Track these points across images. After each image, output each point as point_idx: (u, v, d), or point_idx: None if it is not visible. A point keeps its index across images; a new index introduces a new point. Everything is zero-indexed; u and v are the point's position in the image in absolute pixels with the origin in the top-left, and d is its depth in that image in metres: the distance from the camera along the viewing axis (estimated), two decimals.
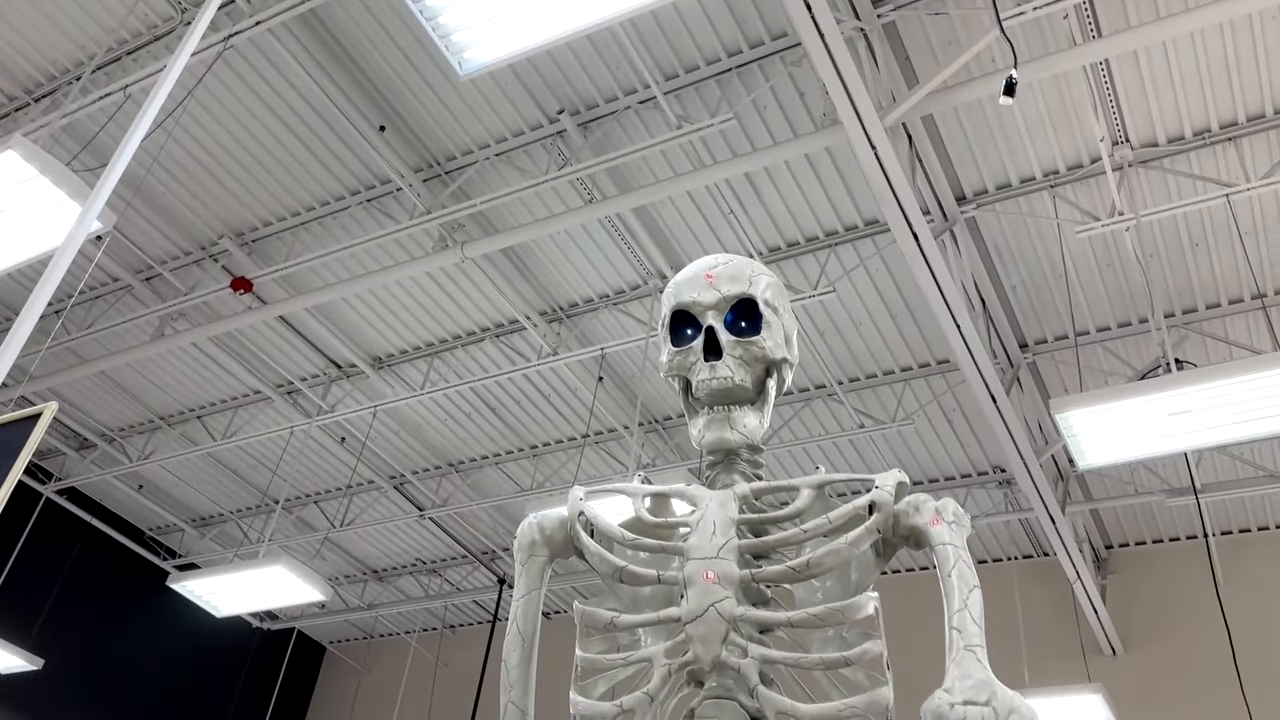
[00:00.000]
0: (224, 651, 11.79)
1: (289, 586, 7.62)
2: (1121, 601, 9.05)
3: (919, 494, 2.11)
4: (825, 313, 7.56)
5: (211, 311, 8.26)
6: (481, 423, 9.17)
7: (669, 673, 2.00)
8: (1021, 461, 7.04)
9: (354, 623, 12.47)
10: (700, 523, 2.14)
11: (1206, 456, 8.20)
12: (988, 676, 1.74)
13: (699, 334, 2.30)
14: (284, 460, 9.91)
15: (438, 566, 11.33)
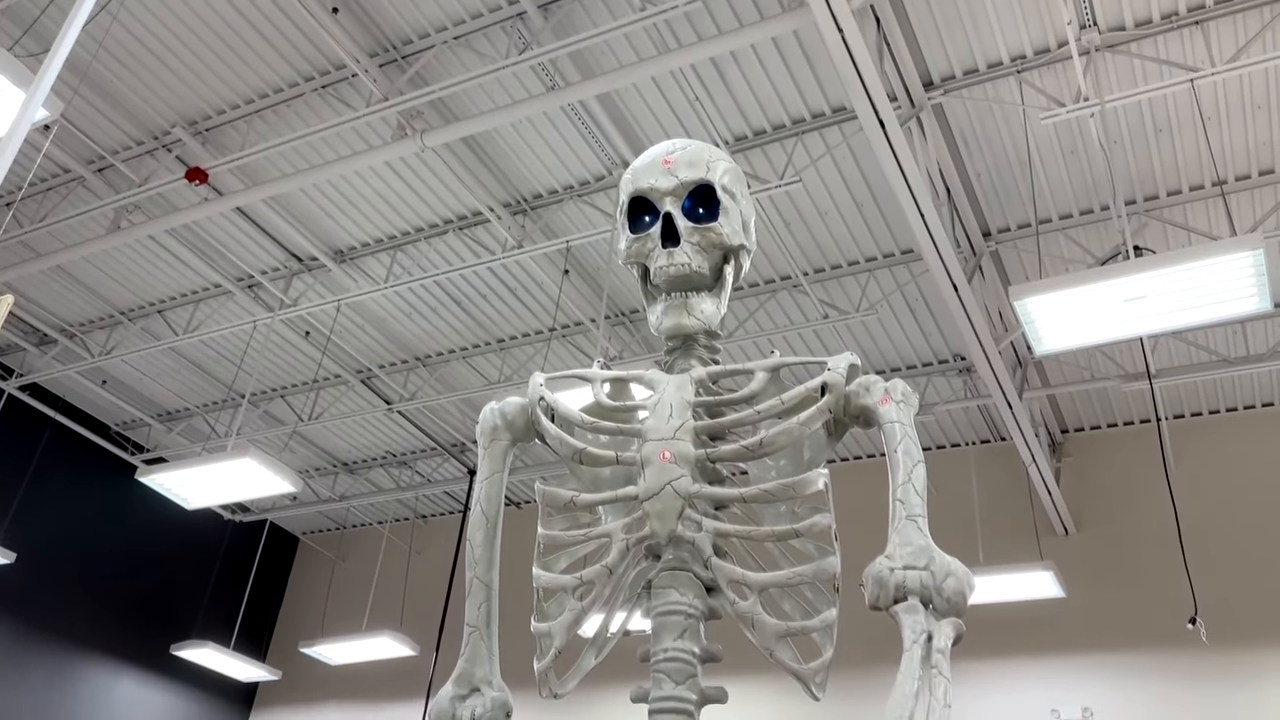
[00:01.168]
0: (196, 544, 11.93)
1: (259, 478, 7.68)
2: (1075, 484, 9.34)
3: (869, 375, 2.16)
4: (791, 203, 7.54)
5: (167, 204, 8.10)
6: (447, 316, 9.15)
7: (627, 547, 2.07)
8: (981, 349, 7.16)
9: (326, 514, 12.63)
10: (657, 405, 2.18)
11: (1162, 342, 8.37)
12: (927, 543, 1.82)
13: (657, 220, 2.30)
14: (248, 354, 9.87)
15: (408, 459, 11.44)
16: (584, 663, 2.15)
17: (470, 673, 2.16)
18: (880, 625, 8.68)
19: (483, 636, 2.19)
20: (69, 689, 10.49)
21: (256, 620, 12.38)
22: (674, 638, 2.00)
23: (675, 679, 1.96)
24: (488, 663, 2.17)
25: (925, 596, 1.75)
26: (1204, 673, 8.18)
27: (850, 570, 2.18)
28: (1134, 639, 8.53)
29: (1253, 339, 8.21)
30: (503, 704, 2.11)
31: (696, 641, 2.01)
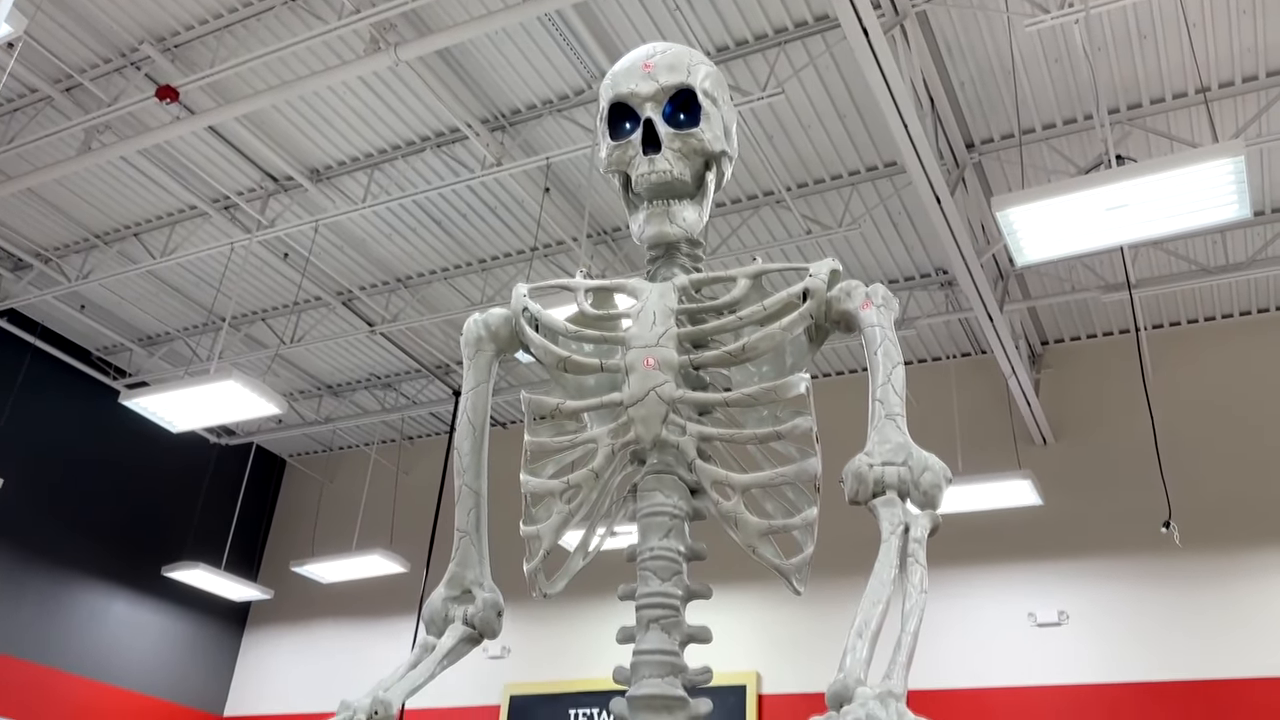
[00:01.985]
0: (183, 468, 11.99)
1: (243, 401, 7.70)
2: (1054, 394, 9.47)
3: (850, 280, 2.17)
4: (774, 115, 7.46)
5: (138, 123, 7.94)
6: (427, 236, 9.08)
7: (613, 452, 2.10)
8: (963, 262, 7.18)
9: (312, 436, 12.69)
10: (641, 313, 2.19)
11: (1142, 253, 8.41)
12: (905, 440, 1.86)
13: (637, 127, 2.29)
14: (227, 277, 9.80)
15: (392, 381, 11.46)
16: (572, 564, 2.20)
17: (462, 575, 2.21)
18: (860, 529, 8.88)
19: (473, 541, 2.23)
20: (62, 612, 10.63)
21: (246, 541, 12.52)
22: (659, 537, 2.04)
23: (661, 576, 2.01)
24: (478, 566, 2.22)
25: (903, 490, 1.80)
26: (1177, 575, 8.42)
27: (832, 483, 2.22)
28: (1109, 545, 8.75)
29: (1232, 248, 8.26)
30: (494, 604, 2.17)
31: (681, 540, 2.07)
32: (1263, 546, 8.24)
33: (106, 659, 10.94)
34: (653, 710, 1.89)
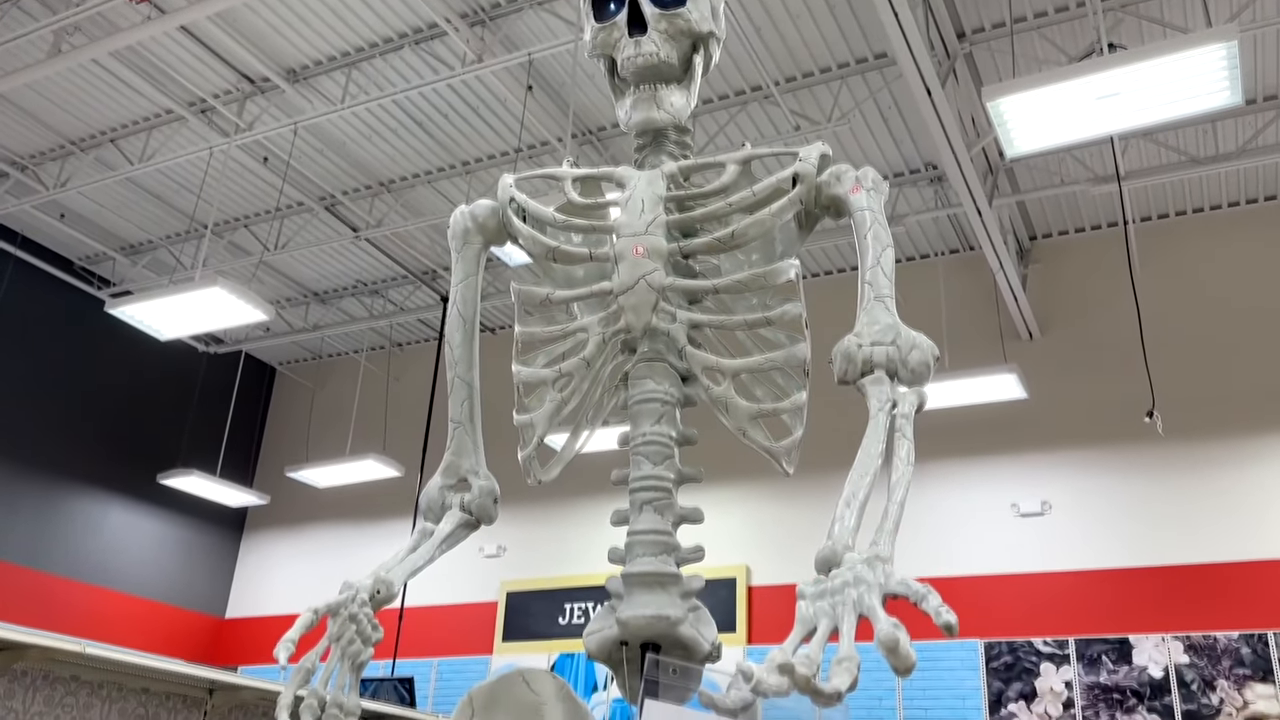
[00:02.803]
0: (173, 377, 12.00)
1: (229, 307, 7.66)
2: (1041, 289, 9.50)
3: (840, 165, 2.16)
4: (762, 7, 7.29)
5: (109, 24, 7.70)
6: (409, 138, 8.93)
7: (603, 340, 2.11)
8: (953, 155, 7.11)
9: (301, 344, 12.68)
10: (629, 201, 2.18)
11: (1132, 144, 8.35)
12: (893, 321, 1.88)
13: (622, 8, 2.24)
14: (207, 183, 9.65)
15: (379, 287, 11.40)
16: (565, 452, 2.24)
17: (457, 464, 2.24)
18: (848, 424, 9.00)
19: (467, 431, 2.26)
20: (60, 520, 10.76)
21: (240, 449, 12.61)
22: (651, 423, 2.07)
23: (653, 460, 2.04)
24: (474, 455, 2.25)
25: (891, 369, 1.82)
26: (1159, 464, 8.59)
27: (820, 386, 2.24)
28: (1093, 436, 8.90)
29: (1222, 138, 8.19)
30: (490, 491, 2.20)
31: (673, 426, 2.09)
32: (1245, 435, 8.39)
33: (108, 565, 11.12)
34: (647, 586, 1.94)
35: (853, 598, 1.32)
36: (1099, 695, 8.06)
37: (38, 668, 3.17)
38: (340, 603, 1.92)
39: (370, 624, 1.89)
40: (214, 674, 3.56)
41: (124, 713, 3.41)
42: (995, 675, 8.45)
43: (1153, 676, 7.94)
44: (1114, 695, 8.01)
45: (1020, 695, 8.31)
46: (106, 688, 3.37)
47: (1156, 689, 7.90)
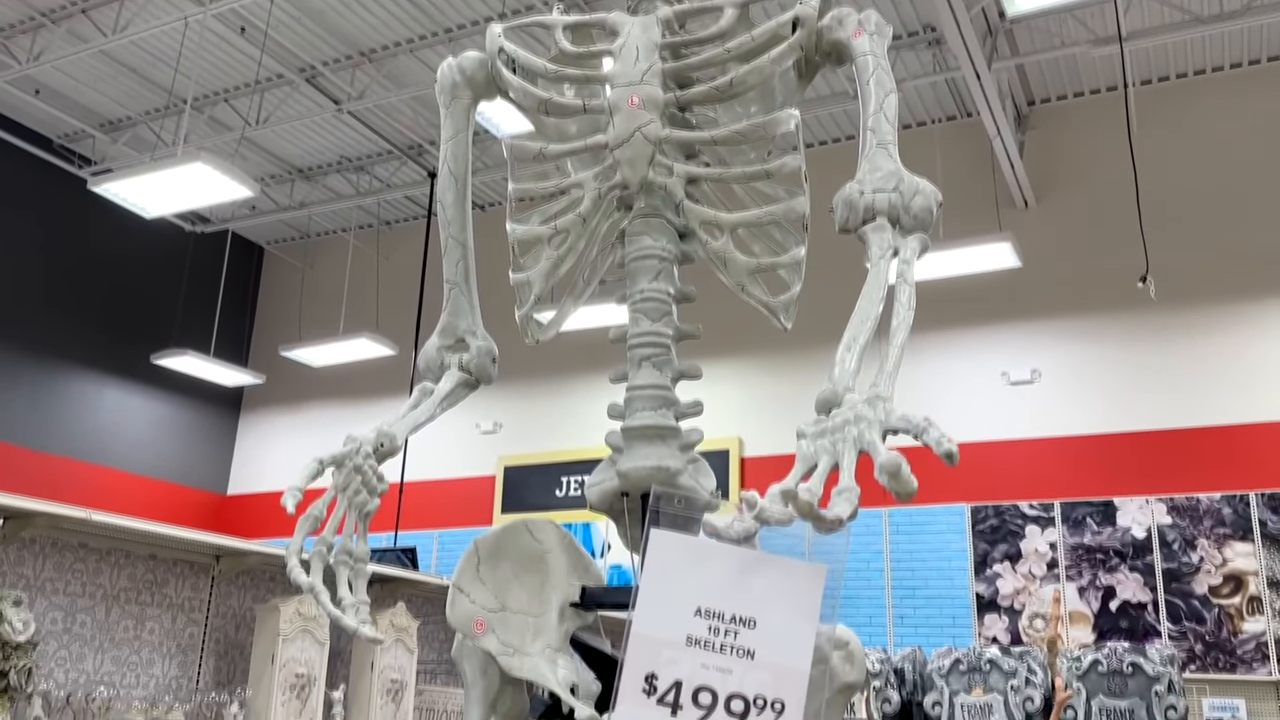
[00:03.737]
0: (161, 257, 11.88)
1: (213, 184, 7.52)
2: (1038, 156, 9.37)
3: (842, 7, 2.08)
4: None
5: None
6: (389, 4, 8.62)
7: (599, 195, 2.07)
8: (952, 15, 6.90)
9: (288, 222, 12.52)
10: (623, 49, 2.11)
11: (1134, 4, 8.10)
12: (896, 167, 1.84)
13: None
14: (184, 55, 9.35)
15: (364, 163, 11.19)
16: (563, 311, 2.22)
17: (454, 325, 2.23)
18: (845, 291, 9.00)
19: (463, 292, 2.24)
20: (57, 401, 10.81)
21: (232, 329, 12.59)
22: (649, 279, 2.05)
23: (651, 317, 2.03)
24: (470, 315, 2.24)
25: (893, 216, 1.79)
26: (1148, 331, 8.64)
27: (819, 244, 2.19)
28: (1085, 304, 8.92)
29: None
30: (488, 350, 2.20)
31: (670, 283, 2.07)
32: (1235, 300, 8.42)
33: (108, 445, 11.23)
34: (646, 440, 1.95)
35: (853, 435, 1.33)
36: (1082, 555, 8.30)
37: (45, 535, 3.22)
38: (344, 454, 1.94)
39: (375, 475, 1.91)
40: (220, 539, 3.63)
41: (133, 577, 3.48)
42: (981, 538, 8.69)
43: (1135, 537, 8.17)
44: (1097, 555, 8.26)
45: (1005, 556, 8.56)
46: (114, 554, 3.43)
47: (1139, 549, 8.14)
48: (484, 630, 1.84)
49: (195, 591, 3.68)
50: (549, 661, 1.83)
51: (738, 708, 1.19)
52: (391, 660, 4.09)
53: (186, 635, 3.61)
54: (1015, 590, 8.42)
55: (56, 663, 3.20)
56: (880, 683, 3.36)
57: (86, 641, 3.29)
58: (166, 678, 3.51)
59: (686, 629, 1.22)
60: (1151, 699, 3.01)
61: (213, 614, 3.72)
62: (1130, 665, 3.07)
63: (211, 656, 3.69)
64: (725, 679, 1.20)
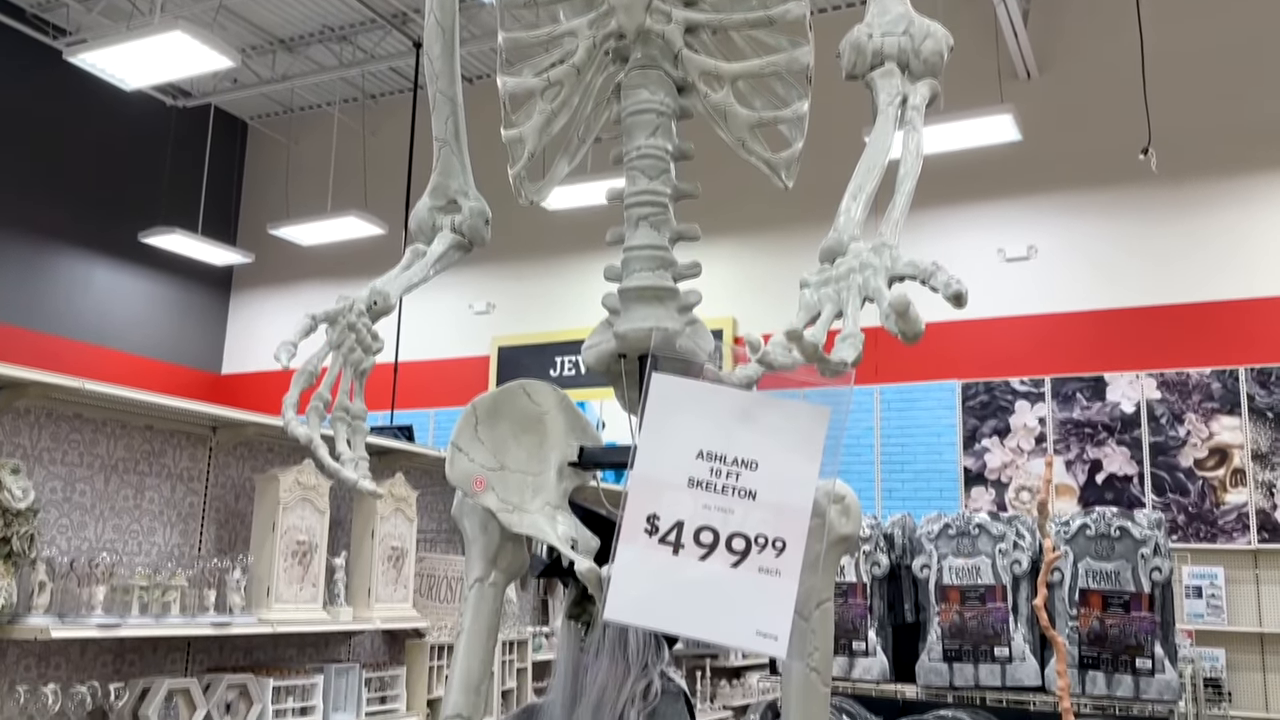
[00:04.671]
0: (143, 133, 11.61)
1: (193, 53, 7.29)
2: (1043, 25, 9.11)
3: None
4: None
5: None
6: None
7: (594, 44, 1.99)
8: None
9: (270, 96, 12.20)
10: None
11: None
12: (905, 10, 1.76)
13: None
14: None
15: (348, 33, 10.84)
16: (557, 170, 2.16)
17: (445, 185, 2.17)
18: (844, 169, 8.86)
19: (453, 150, 2.17)
20: (45, 281, 10.72)
21: (219, 206, 12.40)
22: (646, 135, 1.98)
23: (649, 175, 1.97)
24: (461, 175, 2.18)
25: (902, 61, 1.72)
26: (1147, 206, 8.56)
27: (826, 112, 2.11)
28: (1084, 179, 8.81)
29: None
30: (481, 211, 2.15)
31: (668, 139, 2.01)
32: (1235, 174, 8.32)
33: (100, 325, 11.19)
34: (644, 301, 1.92)
35: (858, 282, 1.30)
36: (1070, 430, 8.41)
37: (40, 406, 3.21)
38: (338, 311, 1.91)
39: (370, 334, 1.89)
40: (217, 410, 3.63)
41: (130, 448, 3.49)
42: (971, 413, 8.78)
43: (1124, 411, 8.27)
44: (1085, 430, 8.36)
45: (994, 431, 8.67)
46: (110, 425, 3.43)
47: (1127, 423, 8.24)
48: (484, 488, 1.85)
49: (193, 462, 3.70)
50: (548, 518, 1.84)
51: (739, 546, 1.20)
52: (391, 528, 4.15)
53: (186, 504, 3.65)
54: (1003, 464, 8.56)
55: (58, 530, 3.23)
56: (870, 547, 3.43)
57: (87, 510, 3.32)
58: (168, 545, 3.56)
59: (688, 471, 1.22)
60: (1138, 561, 3.07)
61: (212, 484, 3.75)
62: (1118, 529, 3.13)
63: (212, 525, 3.73)
64: (727, 519, 1.21)
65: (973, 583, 3.42)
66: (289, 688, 3.62)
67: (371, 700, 3.97)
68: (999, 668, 3.31)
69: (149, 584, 3.20)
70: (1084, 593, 3.25)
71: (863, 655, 3.55)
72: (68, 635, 2.92)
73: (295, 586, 3.65)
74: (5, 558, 2.88)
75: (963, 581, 3.43)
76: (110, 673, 3.25)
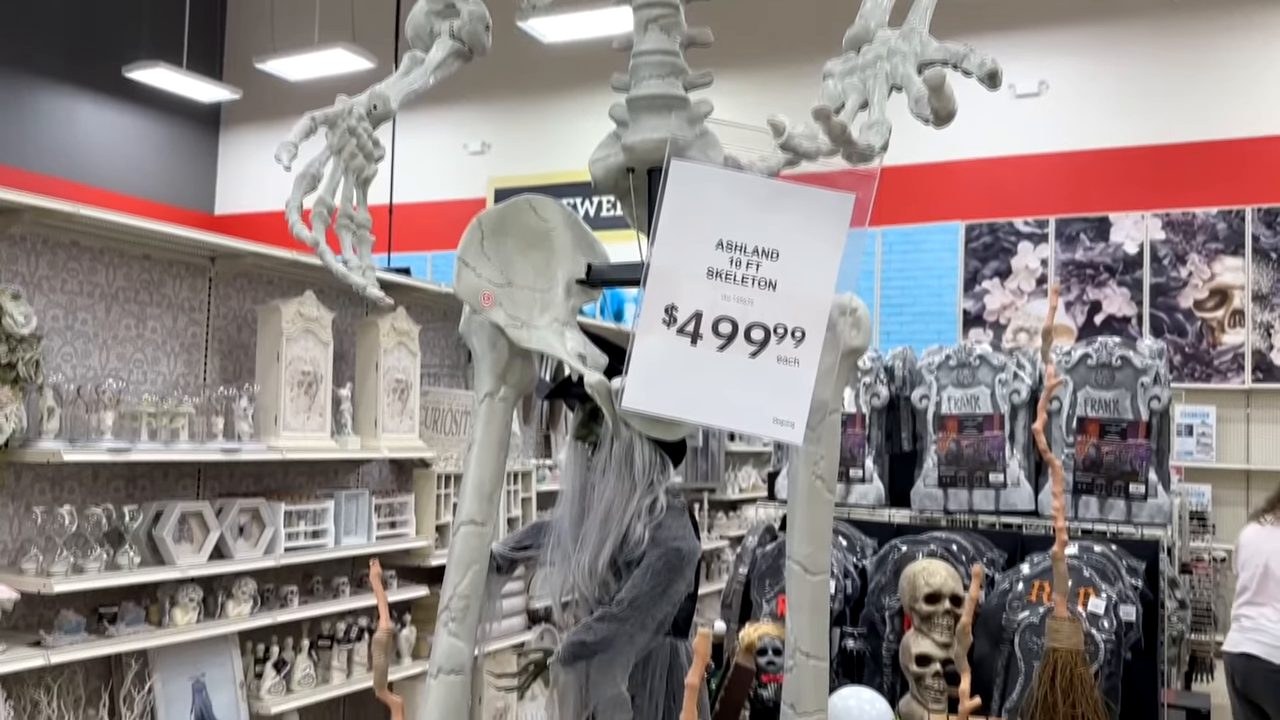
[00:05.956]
0: None
1: None
2: None
3: None
4: None
5: None
6: None
7: None
8: None
9: None
10: None
11: None
12: None
13: None
14: None
15: None
16: None
17: None
18: None
19: None
20: (29, 118, 10.45)
21: (203, 39, 11.96)
22: None
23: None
24: None
25: None
26: (1163, 41, 8.27)
27: None
28: (1100, 11, 8.48)
29: None
30: (480, 16, 2.05)
31: None
32: (1256, 8, 8.00)
33: (89, 164, 10.98)
34: (653, 110, 1.85)
35: (885, 70, 1.24)
36: (1072, 271, 8.38)
37: (35, 233, 3.16)
38: (337, 113, 1.85)
39: (371, 139, 1.83)
40: (214, 239, 3.58)
41: (129, 277, 3.46)
42: (973, 255, 8.73)
43: (1127, 253, 8.22)
44: (1087, 271, 8.33)
45: (995, 273, 8.64)
46: (107, 254, 3.39)
47: (1129, 264, 8.20)
48: (491, 304, 1.83)
49: (194, 292, 3.67)
50: (557, 334, 1.83)
51: (758, 336, 1.18)
52: (395, 362, 4.17)
53: (189, 335, 3.65)
54: (1002, 306, 8.57)
55: (63, 358, 3.24)
56: (870, 379, 3.45)
57: (90, 339, 3.32)
58: (173, 375, 3.58)
59: (707, 261, 1.19)
60: (1137, 389, 3.10)
61: (213, 315, 3.74)
62: (1119, 358, 3.14)
63: (216, 356, 3.74)
64: (746, 309, 1.19)
65: (971, 412, 3.46)
66: (300, 512, 3.70)
67: (381, 525, 4.08)
68: (993, 493, 3.38)
69: (157, 411, 3.23)
70: (1082, 421, 3.29)
71: (859, 482, 3.62)
72: (79, 459, 2.96)
73: (302, 416, 3.69)
74: (12, 383, 2.90)
75: (961, 411, 3.47)
76: (123, 497, 3.32)
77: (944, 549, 3.07)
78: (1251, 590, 4.04)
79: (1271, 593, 3.95)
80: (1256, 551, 4.09)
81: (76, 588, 2.97)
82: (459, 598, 1.84)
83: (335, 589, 3.87)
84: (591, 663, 2.19)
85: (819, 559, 1.76)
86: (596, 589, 2.24)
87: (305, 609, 3.69)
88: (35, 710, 2.93)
